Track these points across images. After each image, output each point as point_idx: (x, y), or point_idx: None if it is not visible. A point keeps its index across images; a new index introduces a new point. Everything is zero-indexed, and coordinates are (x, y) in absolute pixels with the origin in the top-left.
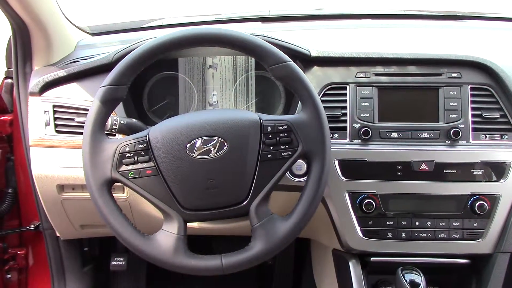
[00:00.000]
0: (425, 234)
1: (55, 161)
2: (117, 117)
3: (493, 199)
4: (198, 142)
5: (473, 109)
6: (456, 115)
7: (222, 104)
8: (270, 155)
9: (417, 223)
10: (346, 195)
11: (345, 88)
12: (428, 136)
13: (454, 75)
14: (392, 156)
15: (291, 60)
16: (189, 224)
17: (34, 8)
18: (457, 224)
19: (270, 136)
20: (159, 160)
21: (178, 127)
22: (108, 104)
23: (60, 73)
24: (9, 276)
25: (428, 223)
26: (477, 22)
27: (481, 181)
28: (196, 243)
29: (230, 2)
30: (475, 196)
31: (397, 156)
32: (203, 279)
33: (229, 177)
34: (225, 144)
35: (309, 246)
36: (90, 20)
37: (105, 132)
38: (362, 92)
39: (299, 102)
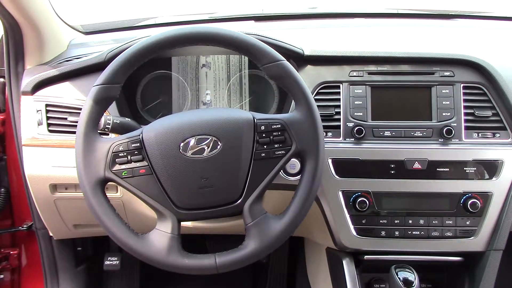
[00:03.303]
0: (418, 232)
1: (48, 161)
2: (110, 116)
3: (486, 197)
4: (192, 141)
5: (465, 107)
6: (448, 114)
7: (215, 103)
8: (263, 154)
9: (410, 221)
10: (340, 193)
11: (338, 87)
12: (421, 134)
13: (447, 73)
14: (385, 155)
15: (284, 59)
16: (183, 223)
17: (26, 7)
18: (450, 222)
19: (263, 135)
20: (153, 159)
21: (171, 126)
22: (101, 103)
23: (52, 72)
24: (1, 276)
25: (421, 221)
26: (470, 21)
27: (473, 179)
28: (190, 242)
29: (224, 1)
30: (468, 194)
31: (390, 154)
32: (198, 278)
33: (223, 176)
34: (219, 143)
35: (303, 244)
36: (82, 19)
37: (98, 131)
38: (356, 90)
39: (293, 101)
